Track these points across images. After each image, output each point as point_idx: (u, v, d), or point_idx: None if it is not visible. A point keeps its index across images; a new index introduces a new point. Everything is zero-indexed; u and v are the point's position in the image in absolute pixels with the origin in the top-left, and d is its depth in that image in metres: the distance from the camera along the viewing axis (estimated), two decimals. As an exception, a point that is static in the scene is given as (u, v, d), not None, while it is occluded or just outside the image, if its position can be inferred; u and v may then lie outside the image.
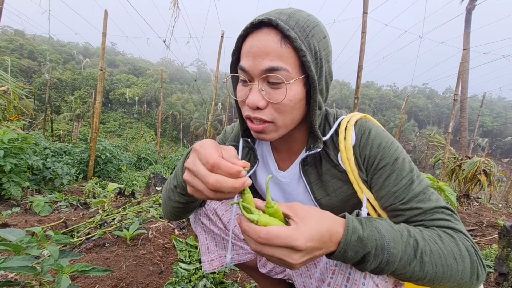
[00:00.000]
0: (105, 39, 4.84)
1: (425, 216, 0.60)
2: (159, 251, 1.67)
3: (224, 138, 0.93)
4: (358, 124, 0.70)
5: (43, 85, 36.40)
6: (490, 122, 58.07)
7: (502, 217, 4.10)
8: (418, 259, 0.52)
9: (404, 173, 0.63)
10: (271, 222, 0.48)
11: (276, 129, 0.65)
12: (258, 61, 0.58)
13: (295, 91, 0.60)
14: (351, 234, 0.51)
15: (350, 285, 0.57)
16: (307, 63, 0.58)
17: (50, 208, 2.25)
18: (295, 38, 0.56)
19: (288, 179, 0.81)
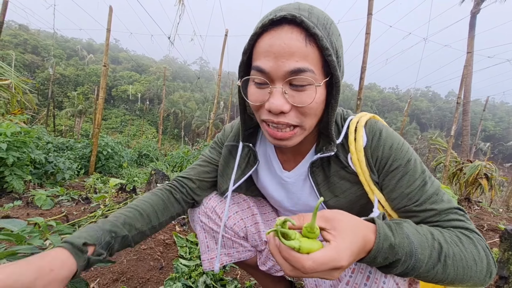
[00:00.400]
0: (109, 35, 4.85)
1: (439, 217, 0.60)
2: (159, 246, 1.68)
3: (223, 137, 0.93)
4: (368, 125, 0.69)
5: (46, 80, 36.52)
6: (493, 126, 57.83)
7: (503, 221, 4.09)
8: (442, 262, 0.52)
9: (417, 174, 0.63)
10: (312, 247, 0.44)
11: (302, 133, 0.63)
12: (282, 62, 0.54)
13: (320, 93, 0.58)
14: (383, 241, 0.49)
15: (370, 284, 0.57)
16: (333, 62, 0.55)
17: (52, 202, 2.26)
18: (321, 37, 0.53)
19: (293, 179, 0.79)
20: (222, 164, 0.87)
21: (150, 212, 0.76)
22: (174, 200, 0.84)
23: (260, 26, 0.55)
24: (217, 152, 0.91)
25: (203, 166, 0.90)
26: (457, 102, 4.74)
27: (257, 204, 1.00)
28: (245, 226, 0.94)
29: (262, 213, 1.00)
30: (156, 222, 0.77)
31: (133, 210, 0.73)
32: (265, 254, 0.99)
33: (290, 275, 0.46)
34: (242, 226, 0.94)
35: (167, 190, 0.85)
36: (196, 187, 0.88)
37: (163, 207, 0.80)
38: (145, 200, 0.78)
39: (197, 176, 0.89)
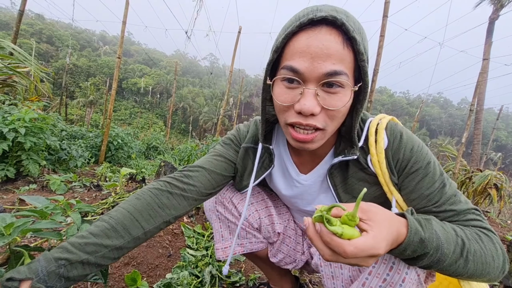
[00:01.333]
0: (125, 28, 4.93)
1: (458, 217, 0.62)
2: (168, 235, 1.73)
3: (238, 137, 0.89)
4: (389, 127, 0.69)
5: (60, 69, 37.23)
6: (505, 136, 56.40)
7: (511, 232, 4.02)
8: (464, 257, 0.54)
9: (436, 176, 0.64)
10: (354, 235, 0.46)
11: (324, 137, 0.63)
12: (318, 64, 0.54)
13: (349, 97, 0.58)
14: (414, 235, 0.52)
15: (392, 274, 0.59)
16: (365, 68, 0.55)
17: (65, 187, 2.33)
18: (359, 41, 0.53)
19: (311, 182, 0.80)
20: (241, 165, 0.86)
21: (127, 223, 0.64)
22: (169, 200, 0.71)
23: (298, 24, 0.54)
24: (233, 150, 0.87)
25: (219, 161, 0.83)
26: (470, 110, 4.66)
27: (271, 197, 1.02)
28: (259, 218, 0.96)
29: (276, 206, 1.02)
30: (139, 232, 0.65)
31: (103, 225, 0.62)
32: (276, 246, 1.01)
33: (329, 260, 0.48)
34: (256, 218, 0.96)
35: (159, 189, 0.72)
36: (210, 179, 0.79)
37: (148, 214, 0.68)
38: (124, 208, 0.67)
39: (213, 168, 0.80)
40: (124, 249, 0.64)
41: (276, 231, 0.97)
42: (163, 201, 0.71)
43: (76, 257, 0.57)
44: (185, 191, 0.74)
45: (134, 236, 0.65)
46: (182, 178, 0.76)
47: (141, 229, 0.66)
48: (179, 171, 0.79)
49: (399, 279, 0.58)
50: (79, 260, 0.57)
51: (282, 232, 0.99)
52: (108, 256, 0.61)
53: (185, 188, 0.74)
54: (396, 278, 0.58)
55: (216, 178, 0.81)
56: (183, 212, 0.74)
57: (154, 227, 0.68)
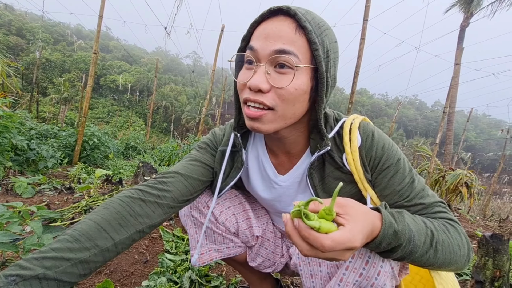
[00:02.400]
0: (101, 22, 4.70)
1: (427, 210, 0.66)
2: (145, 240, 1.65)
3: (214, 140, 0.88)
4: (362, 126, 0.72)
5: (31, 64, 35.05)
6: (474, 137, 60.23)
7: (480, 228, 4.27)
8: (433, 248, 0.57)
9: (406, 172, 0.68)
10: (331, 228, 0.47)
11: (274, 119, 0.63)
12: (270, 42, 0.58)
13: (302, 81, 0.60)
14: (388, 228, 0.54)
15: (368, 268, 0.61)
16: (319, 57, 0.58)
17: (33, 190, 2.17)
18: (310, 31, 0.57)
19: (288, 183, 0.80)
20: (217, 167, 0.84)
21: (93, 234, 0.58)
22: (142, 208, 0.67)
23: (260, 15, 0.61)
24: (209, 154, 0.85)
25: (195, 166, 0.80)
26: (443, 111, 4.90)
27: (248, 200, 1.00)
28: (237, 222, 0.94)
29: (253, 209, 1.01)
30: (108, 243, 0.59)
31: (64, 238, 0.57)
32: (255, 250, 1.00)
33: (307, 255, 0.49)
34: (233, 222, 0.94)
35: (131, 197, 0.67)
36: (187, 185, 0.76)
37: (118, 223, 0.62)
38: (90, 219, 0.61)
39: (189, 174, 0.77)
40: (91, 263, 0.57)
41: (254, 234, 0.96)
42: (135, 209, 0.66)
43: (30, 272, 0.50)
44: (159, 198, 0.70)
45: (102, 248, 0.58)
46: (157, 185, 0.71)
47: (111, 240, 0.60)
48: (153, 178, 0.75)
49: (375, 272, 0.60)
50: (34, 275, 0.50)
51: (261, 235, 0.98)
52: (71, 271, 0.54)
53: (160, 195, 0.70)
54: (371, 272, 0.60)
55: (193, 183, 0.78)
56: (159, 221, 0.69)
57: (125, 238, 0.63)
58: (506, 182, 16.89)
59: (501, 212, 9.77)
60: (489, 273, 1.72)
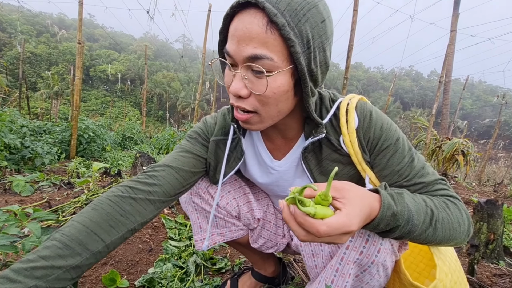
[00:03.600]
0: (82, 9, 4.48)
1: (428, 188, 0.65)
2: (148, 229, 1.68)
3: (206, 130, 0.85)
4: (359, 107, 0.70)
5: (15, 59, 33.91)
6: (470, 105, 60.26)
7: (475, 194, 4.38)
8: (433, 226, 0.58)
9: (405, 152, 0.67)
10: (326, 214, 0.47)
11: (261, 120, 0.63)
12: (242, 47, 0.54)
13: (280, 83, 0.56)
14: (386, 210, 0.53)
15: (368, 246, 0.62)
16: (296, 54, 0.53)
17: (32, 188, 2.17)
18: (283, 25, 0.51)
19: (285, 167, 0.80)
20: (212, 159, 0.83)
21: (83, 239, 0.56)
22: (132, 207, 0.65)
23: (230, 7, 0.55)
24: (200, 144, 0.83)
25: (186, 157, 0.78)
26: (439, 81, 4.84)
27: (248, 184, 1.01)
28: (238, 205, 0.95)
29: (254, 192, 1.01)
30: (99, 246, 0.58)
31: (54, 245, 0.54)
32: (257, 232, 1.02)
33: (304, 240, 0.49)
34: (234, 205, 0.95)
35: (120, 196, 0.65)
36: (178, 178, 0.74)
37: (109, 225, 0.61)
38: (78, 222, 0.59)
39: (181, 166, 0.75)
40: (84, 266, 0.56)
41: (255, 217, 0.97)
42: (125, 208, 0.63)
43: (21, 286, 0.48)
44: (150, 194, 0.68)
45: (94, 251, 0.57)
46: (147, 180, 0.69)
47: (102, 243, 0.59)
48: (142, 172, 0.73)
49: (375, 250, 0.61)
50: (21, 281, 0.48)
51: (262, 217, 0.99)
52: (63, 277, 0.53)
53: (150, 191, 0.68)
54: (372, 249, 0.61)
55: (185, 175, 0.76)
56: (150, 217, 0.68)
57: (117, 238, 0.61)
58: (501, 147, 17.11)
59: (496, 176, 9.99)
60: (483, 237, 1.78)
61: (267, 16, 0.51)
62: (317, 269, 0.75)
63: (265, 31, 0.52)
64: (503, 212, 2.56)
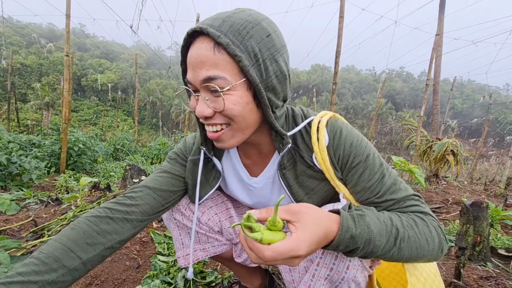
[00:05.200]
0: (70, 22, 4.47)
1: (399, 204, 0.67)
2: (136, 245, 1.65)
3: (184, 150, 0.88)
4: (329, 124, 0.71)
5: (4, 71, 33.48)
6: (460, 104, 61.40)
7: (467, 194, 4.44)
8: (398, 246, 0.59)
9: (376, 168, 0.68)
10: (273, 239, 0.49)
11: (232, 134, 0.65)
12: (197, 72, 0.58)
13: (237, 96, 0.59)
14: (345, 233, 0.54)
15: (338, 263, 0.63)
16: (245, 67, 0.56)
17: (18, 206, 2.13)
18: (227, 44, 0.55)
19: (262, 184, 0.81)
20: (190, 178, 0.84)
21: (59, 255, 0.59)
22: (110, 225, 0.68)
23: (183, 40, 0.61)
24: (179, 165, 0.85)
25: (164, 177, 0.81)
26: (426, 84, 4.94)
27: (231, 198, 1.01)
28: (220, 221, 0.96)
29: (236, 207, 1.02)
30: (75, 263, 0.61)
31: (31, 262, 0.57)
32: (239, 247, 1.02)
33: (256, 263, 0.52)
34: (216, 221, 0.95)
35: (98, 216, 0.68)
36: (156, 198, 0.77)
37: (85, 242, 0.63)
38: (55, 240, 0.62)
39: (158, 186, 0.78)
40: (60, 283, 0.58)
41: (236, 232, 0.97)
42: (102, 227, 0.66)
43: None
44: (128, 214, 0.71)
45: (70, 267, 0.60)
46: (125, 201, 0.73)
47: (78, 259, 0.61)
48: (121, 195, 0.76)
49: (344, 266, 0.63)
50: None
51: (239, 232, 0.99)
52: None
53: (128, 211, 0.71)
54: (341, 266, 0.63)
55: (164, 195, 0.79)
56: (129, 235, 0.70)
57: (94, 256, 0.64)
58: (492, 145, 17.44)
59: (489, 174, 10.16)
60: (470, 239, 1.81)
61: (213, 40, 0.56)
62: (294, 283, 0.75)
63: (213, 53, 0.56)
64: (491, 212, 2.61)
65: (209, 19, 0.59)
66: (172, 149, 5.64)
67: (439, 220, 2.84)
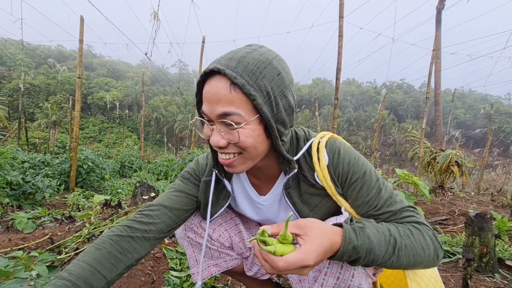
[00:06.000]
0: (82, 46, 4.72)
1: (395, 216, 0.73)
2: (149, 261, 1.71)
3: (197, 170, 0.93)
4: (328, 145, 0.78)
5: (14, 91, 34.52)
6: (463, 114, 61.24)
7: (473, 205, 4.41)
8: (396, 254, 0.64)
9: (373, 183, 0.74)
10: (286, 251, 0.56)
11: (243, 161, 0.71)
12: (213, 107, 0.63)
13: (250, 130, 0.65)
14: (348, 244, 0.60)
15: (343, 272, 0.69)
16: (259, 105, 0.62)
17: (34, 224, 2.21)
18: (242, 85, 0.60)
19: (270, 202, 0.88)
20: (203, 197, 0.90)
21: (88, 277, 0.65)
22: (130, 244, 0.74)
23: (200, 76, 0.66)
24: (193, 184, 0.91)
25: (179, 196, 0.87)
26: (426, 97, 5.04)
27: (239, 214, 1.07)
28: (230, 236, 1.01)
29: (245, 222, 1.08)
30: (101, 283, 0.67)
31: (63, 284, 0.62)
32: (250, 260, 1.07)
33: (270, 273, 0.59)
34: (226, 237, 1.01)
35: (120, 236, 0.74)
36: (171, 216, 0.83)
37: (110, 263, 0.69)
38: (84, 261, 0.67)
39: (173, 205, 0.84)
40: None
41: (247, 246, 1.03)
42: (124, 246, 0.73)
43: None
44: (146, 232, 0.77)
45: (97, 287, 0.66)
46: (143, 219, 0.79)
47: (104, 280, 0.68)
48: (139, 212, 0.82)
49: (349, 275, 0.68)
50: None
51: (253, 246, 1.05)
52: None
53: (146, 229, 0.77)
54: (346, 275, 0.68)
55: (178, 213, 0.85)
56: (146, 253, 0.78)
57: (116, 275, 0.71)
58: (497, 154, 17.26)
59: (496, 184, 10.01)
60: (477, 250, 1.83)
61: (229, 80, 0.61)
62: None
63: (229, 92, 0.61)
64: (498, 223, 2.61)
65: (224, 59, 0.64)
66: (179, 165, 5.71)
67: (446, 232, 2.84)
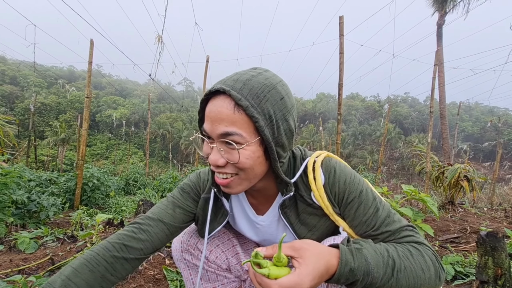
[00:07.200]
0: (91, 67, 4.90)
1: (394, 236, 0.71)
2: (149, 283, 1.67)
3: (198, 185, 0.92)
4: (324, 164, 0.78)
5: (26, 110, 35.63)
6: (470, 126, 60.51)
7: (486, 221, 4.24)
8: (395, 276, 0.61)
9: (370, 202, 0.73)
10: (280, 274, 0.55)
11: (240, 182, 0.71)
12: (215, 126, 0.64)
13: (251, 151, 0.65)
14: (344, 266, 0.58)
15: None
16: (260, 128, 0.62)
17: (36, 244, 2.19)
18: (246, 107, 0.61)
19: (268, 222, 0.87)
20: (201, 214, 0.90)
21: None
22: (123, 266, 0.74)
23: (204, 94, 0.67)
24: (192, 200, 0.90)
25: (177, 213, 0.86)
26: (430, 111, 5.02)
27: (237, 235, 1.06)
28: (227, 258, 0.99)
29: (242, 243, 1.06)
30: None
31: None
32: (248, 283, 1.04)
33: None
34: (223, 259, 0.99)
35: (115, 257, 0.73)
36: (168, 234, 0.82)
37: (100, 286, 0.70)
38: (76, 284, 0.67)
39: (172, 222, 0.83)
40: None
41: (244, 268, 1.01)
42: (117, 268, 0.73)
43: None
44: (141, 251, 0.77)
45: None
46: (141, 235, 0.78)
47: None
48: (137, 225, 0.80)
49: None
50: None
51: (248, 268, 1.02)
52: None
53: (142, 248, 0.77)
54: None
55: (174, 230, 0.85)
56: (133, 270, 0.78)
57: None
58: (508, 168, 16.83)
59: (510, 198, 9.67)
60: (491, 272, 1.74)
61: (233, 100, 0.62)
62: None
63: (233, 112, 0.62)
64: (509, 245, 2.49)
65: (230, 80, 0.65)
66: (182, 182, 5.72)
67: (458, 251, 2.72)
